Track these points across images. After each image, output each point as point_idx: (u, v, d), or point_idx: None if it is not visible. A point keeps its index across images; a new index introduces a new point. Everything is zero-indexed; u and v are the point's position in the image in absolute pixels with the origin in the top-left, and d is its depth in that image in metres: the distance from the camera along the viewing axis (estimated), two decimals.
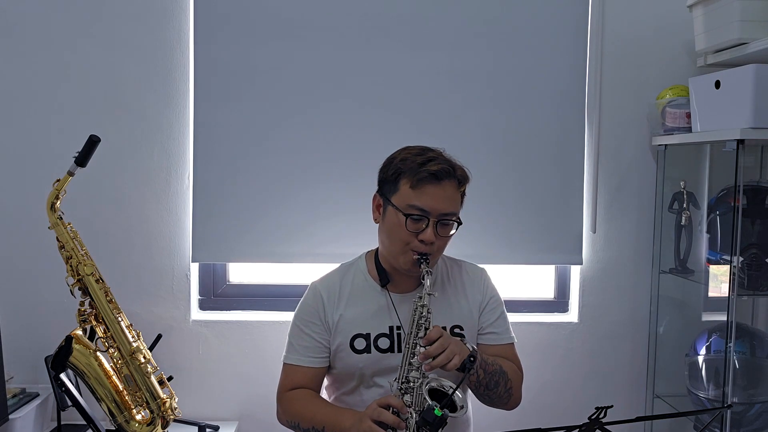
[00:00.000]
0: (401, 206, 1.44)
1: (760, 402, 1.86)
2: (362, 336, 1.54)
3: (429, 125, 2.05)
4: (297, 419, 1.52)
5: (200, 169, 2.04)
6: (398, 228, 1.45)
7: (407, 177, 1.44)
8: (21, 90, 2.00)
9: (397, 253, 1.48)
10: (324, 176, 2.05)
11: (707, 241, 1.96)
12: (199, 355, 2.07)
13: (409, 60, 2.05)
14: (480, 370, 1.44)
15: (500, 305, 1.64)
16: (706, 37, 1.92)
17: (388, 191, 1.49)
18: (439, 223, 1.44)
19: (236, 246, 2.05)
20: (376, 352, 1.53)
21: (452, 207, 1.46)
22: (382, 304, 1.55)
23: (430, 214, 1.43)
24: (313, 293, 1.60)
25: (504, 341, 1.62)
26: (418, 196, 1.43)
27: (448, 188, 1.45)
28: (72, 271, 1.68)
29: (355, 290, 1.58)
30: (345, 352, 1.54)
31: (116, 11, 2.00)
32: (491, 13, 2.05)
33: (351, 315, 1.55)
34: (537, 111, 2.08)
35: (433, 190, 1.43)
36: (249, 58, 2.02)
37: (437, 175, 1.43)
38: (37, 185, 1.89)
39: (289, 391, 1.57)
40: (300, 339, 1.57)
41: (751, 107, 1.68)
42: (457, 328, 1.57)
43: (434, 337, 1.36)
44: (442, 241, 1.48)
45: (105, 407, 1.68)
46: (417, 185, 1.43)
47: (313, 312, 1.57)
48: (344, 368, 1.56)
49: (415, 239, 1.44)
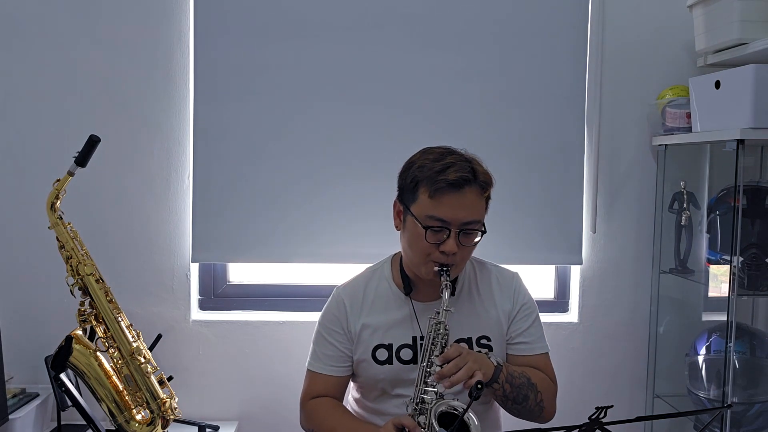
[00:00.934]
0: (420, 217, 1.38)
1: (760, 402, 1.86)
2: (384, 347, 1.51)
3: (429, 125, 2.05)
4: (318, 429, 1.51)
5: (200, 169, 2.04)
6: (418, 239, 1.39)
7: (425, 186, 1.38)
8: (21, 90, 2.00)
9: (419, 263, 1.43)
10: (324, 176, 2.05)
11: (707, 241, 1.96)
12: (199, 355, 2.07)
13: (409, 60, 2.04)
14: (506, 384, 1.39)
15: (533, 312, 1.57)
16: (706, 37, 1.92)
17: (407, 199, 1.43)
18: (461, 232, 1.38)
19: (236, 246, 2.05)
20: (398, 363, 1.50)
21: (474, 215, 1.39)
22: (405, 314, 1.51)
23: (451, 224, 1.37)
24: (336, 301, 1.56)
25: (536, 351, 1.54)
26: (437, 206, 1.37)
27: (469, 196, 1.38)
28: (72, 271, 1.68)
29: (379, 298, 1.54)
30: (367, 362, 1.51)
31: (116, 11, 2.00)
32: (491, 14, 2.05)
33: (373, 324, 1.51)
34: (537, 111, 2.08)
35: (453, 200, 1.36)
36: (249, 58, 2.02)
37: (456, 184, 1.36)
38: (37, 185, 1.89)
39: (312, 399, 1.54)
40: (323, 347, 1.55)
41: (751, 107, 1.68)
42: (484, 338, 1.52)
43: (451, 355, 1.31)
44: (465, 251, 1.41)
45: (105, 407, 1.68)
46: (435, 195, 1.36)
47: (335, 320, 1.54)
48: (367, 378, 1.53)
49: (436, 250, 1.38)
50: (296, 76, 2.03)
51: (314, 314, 2.11)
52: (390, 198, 2.04)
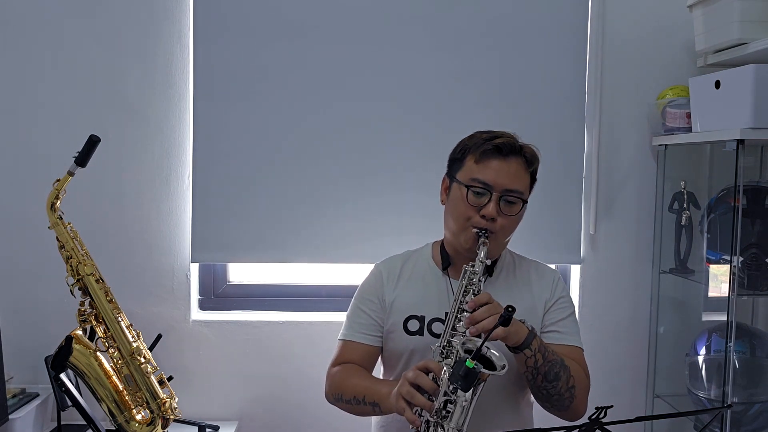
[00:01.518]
0: (464, 180, 1.41)
1: (760, 402, 1.86)
2: (416, 318, 1.50)
3: (429, 125, 2.05)
4: (340, 391, 1.48)
5: (200, 169, 2.04)
6: (460, 202, 1.41)
7: (472, 152, 1.42)
8: (21, 90, 2.00)
9: (458, 231, 1.43)
10: (324, 176, 2.05)
11: (707, 241, 1.96)
12: (199, 355, 2.07)
13: (409, 60, 2.04)
14: (538, 354, 1.33)
15: (570, 307, 1.55)
16: (706, 37, 1.92)
17: (454, 170, 1.46)
18: (503, 199, 1.40)
19: (236, 246, 2.05)
20: (428, 335, 1.48)
21: (517, 184, 1.41)
22: (441, 289, 1.51)
23: (493, 188, 1.39)
24: (374, 272, 1.59)
25: (568, 342, 1.50)
26: (481, 169, 1.40)
27: (513, 164, 1.41)
28: (72, 271, 1.68)
29: (416, 273, 1.55)
30: (398, 332, 1.50)
31: (116, 11, 2.00)
32: (491, 14, 2.05)
33: (408, 296, 1.52)
34: (537, 111, 2.08)
35: (498, 165, 1.40)
36: (249, 58, 2.02)
37: (502, 150, 1.40)
38: (37, 185, 1.89)
39: (336, 365, 1.54)
40: (356, 316, 1.55)
41: (751, 107, 1.68)
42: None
43: (482, 300, 1.30)
44: (505, 220, 1.41)
45: (105, 407, 1.68)
46: (481, 159, 1.40)
47: (371, 290, 1.55)
48: (394, 349, 1.52)
49: (476, 214, 1.39)
50: (296, 76, 2.03)
51: (314, 314, 2.13)
52: (390, 198, 2.06)
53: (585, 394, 1.45)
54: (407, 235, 2.03)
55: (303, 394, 2.07)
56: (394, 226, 2.05)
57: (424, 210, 2.02)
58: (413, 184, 2.05)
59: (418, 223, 2.03)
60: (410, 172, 2.05)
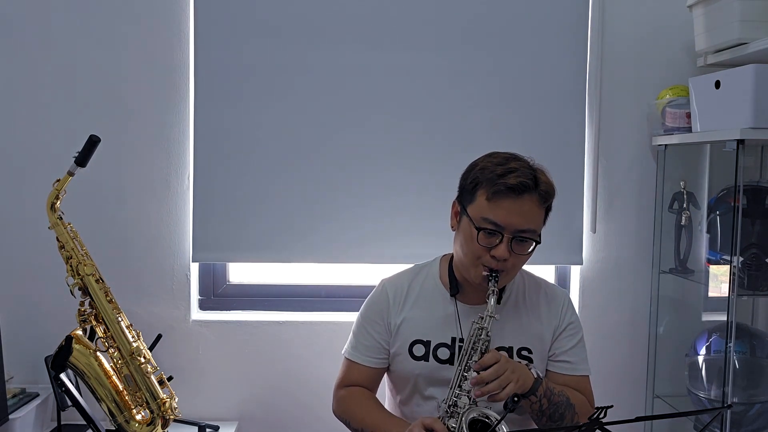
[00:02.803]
0: (475, 218, 1.37)
1: (760, 402, 1.86)
2: (422, 343, 1.49)
3: (429, 126, 2.05)
4: (348, 417, 1.50)
5: (200, 169, 2.04)
6: (470, 240, 1.38)
7: (484, 188, 1.37)
8: (21, 90, 2.00)
9: (468, 266, 1.41)
10: (324, 176, 2.05)
11: (707, 241, 1.96)
12: (199, 355, 2.07)
13: (411, 60, 2.04)
14: (544, 399, 1.37)
15: (578, 333, 1.55)
16: (706, 37, 1.92)
17: (465, 200, 1.42)
18: (515, 239, 1.36)
19: (236, 246, 2.05)
20: (434, 361, 1.48)
21: (530, 223, 1.36)
22: (448, 313, 1.49)
23: (504, 229, 1.35)
24: (380, 291, 1.57)
25: (577, 372, 1.52)
26: (493, 209, 1.35)
27: (527, 203, 1.36)
28: (72, 271, 1.68)
29: (424, 293, 1.53)
30: (403, 356, 1.50)
31: (116, 11, 2.00)
32: (491, 14, 2.05)
33: (414, 319, 1.50)
34: (537, 111, 2.08)
35: (510, 205, 1.34)
36: (249, 58, 2.02)
37: (515, 189, 1.34)
38: (37, 185, 1.89)
39: (345, 387, 1.55)
40: (362, 336, 1.55)
41: (751, 107, 1.68)
42: (525, 350, 1.50)
43: (489, 362, 1.30)
44: (516, 259, 1.38)
45: (105, 407, 1.68)
46: (493, 198, 1.35)
47: (377, 311, 1.54)
48: (401, 373, 1.52)
49: (487, 254, 1.36)
50: (296, 75, 2.03)
51: (314, 314, 2.13)
52: (390, 198, 2.06)
53: None
54: (408, 235, 2.04)
55: (303, 394, 2.07)
56: (394, 227, 2.05)
57: (425, 210, 2.02)
58: (414, 184, 2.04)
59: (419, 224, 2.03)
60: (410, 173, 2.05)
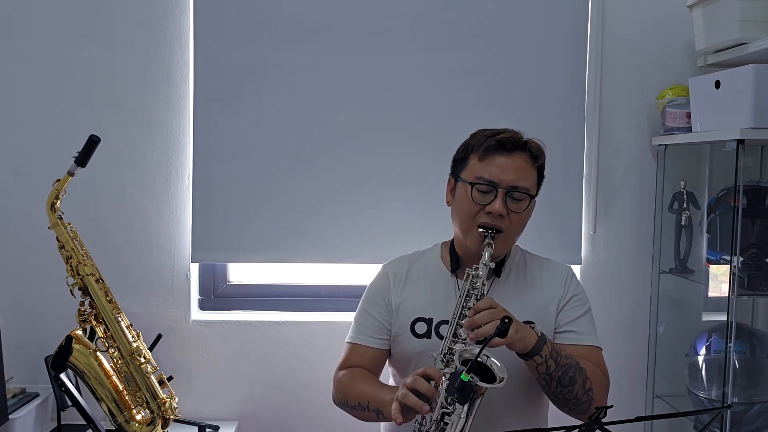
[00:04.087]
0: (469, 178, 1.39)
1: (760, 402, 1.86)
2: (424, 320, 1.48)
3: (429, 125, 2.05)
4: (345, 396, 1.46)
5: (200, 169, 2.04)
6: (465, 200, 1.39)
7: (476, 150, 1.40)
8: (21, 90, 2.00)
9: (465, 232, 1.41)
10: (324, 176, 2.05)
11: (707, 241, 1.96)
12: (199, 355, 2.07)
13: (410, 60, 2.04)
14: (550, 360, 1.31)
15: (585, 305, 1.51)
16: (706, 37, 1.92)
17: (458, 170, 1.44)
18: (509, 195, 1.37)
19: (236, 246, 2.05)
20: (436, 338, 1.45)
21: (523, 180, 1.38)
22: (449, 291, 1.48)
23: (498, 184, 1.36)
24: (381, 273, 1.57)
25: (586, 341, 1.47)
26: (485, 166, 1.38)
27: (518, 159, 1.39)
28: (72, 271, 1.68)
29: (424, 274, 1.53)
30: (405, 335, 1.48)
31: (116, 11, 2.00)
32: (491, 14, 2.05)
33: (415, 298, 1.50)
34: (537, 111, 2.08)
35: (502, 160, 1.37)
36: (249, 58, 2.02)
37: (505, 145, 1.38)
38: (37, 185, 1.89)
39: (342, 369, 1.53)
40: (363, 318, 1.54)
41: (751, 107, 1.68)
42: (529, 324, 1.40)
43: (484, 305, 1.28)
44: (514, 217, 1.38)
45: (105, 407, 1.68)
46: (485, 156, 1.38)
47: (378, 292, 1.54)
48: (402, 352, 1.50)
49: (482, 212, 1.37)
50: (296, 76, 2.03)
51: (314, 314, 2.13)
52: (390, 198, 2.06)
53: (604, 395, 1.43)
54: (408, 235, 2.04)
55: (303, 394, 2.07)
56: (394, 227, 2.05)
57: (425, 210, 2.02)
58: (414, 184, 2.05)
59: (419, 224, 2.03)
60: (411, 173, 2.05)
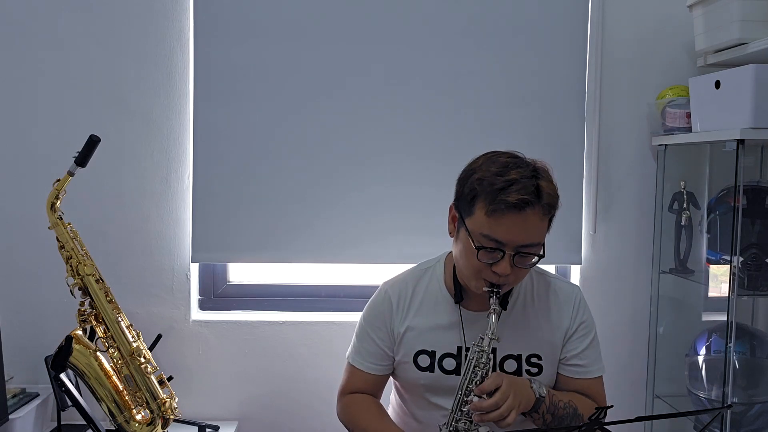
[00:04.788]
0: (474, 234, 1.28)
1: (760, 402, 1.86)
2: (427, 353, 1.43)
3: (429, 125, 2.05)
4: (352, 425, 1.48)
5: (200, 169, 2.04)
6: (470, 255, 1.30)
7: (483, 202, 1.26)
8: (21, 90, 2.00)
9: (469, 278, 1.35)
10: (324, 176, 2.05)
11: (707, 241, 1.96)
12: (199, 355, 2.07)
13: (408, 61, 2.04)
14: (547, 415, 1.34)
15: (591, 331, 1.48)
16: (706, 37, 1.92)
17: (463, 209, 1.32)
18: (517, 255, 1.27)
19: (236, 246, 2.05)
20: (439, 372, 1.43)
21: (533, 238, 1.27)
22: (453, 320, 1.43)
23: (506, 246, 1.26)
24: (383, 297, 1.49)
25: (590, 375, 1.46)
26: (493, 226, 1.25)
27: (530, 218, 1.25)
28: (72, 271, 1.68)
29: (428, 299, 1.46)
30: (408, 365, 1.46)
31: (116, 11, 2.00)
32: (491, 14, 2.05)
33: (418, 327, 1.44)
34: (537, 111, 2.08)
35: (512, 222, 1.24)
36: (249, 58, 2.02)
37: (517, 206, 1.23)
38: (37, 185, 1.89)
39: (350, 393, 1.52)
40: (365, 342, 1.50)
41: (751, 107, 1.68)
42: (535, 357, 1.44)
43: (489, 388, 1.26)
44: (519, 272, 1.31)
45: (105, 407, 1.68)
46: (493, 214, 1.24)
47: (379, 317, 1.48)
48: (406, 380, 1.50)
49: (488, 269, 1.29)
50: (296, 75, 2.03)
51: (314, 314, 2.13)
52: (390, 198, 2.06)
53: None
54: (408, 235, 2.04)
55: (303, 394, 2.07)
56: (394, 227, 2.05)
57: (425, 210, 2.02)
58: (414, 184, 2.04)
59: (419, 224, 2.03)
60: (411, 173, 2.05)
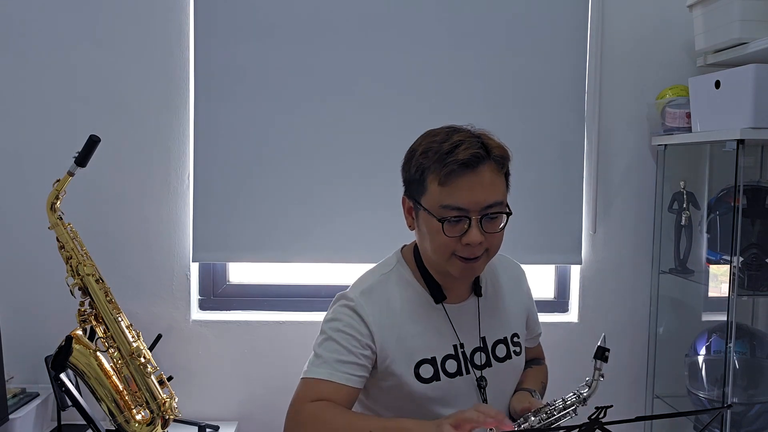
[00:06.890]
0: (434, 209, 1.19)
1: (760, 402, 1.86)
2: (428, 361, 1.29)
3: (429, 125, 2.04)
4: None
5: (200, 169, 2.04)
6: (436, 234, 1.20)
7: (434, 173, 1.19)
8: (21, 90, 2.00)
9: (443, 262, 1.24)
10: (324, 176, 2.05)
11: (707, 241, 1.96)
12: (199, 355, 2.07)
13: (408, 61, 2.04)
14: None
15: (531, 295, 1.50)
16: (706, 37, 1.92)
17: (416, 192, 1.24)
18: (484, 218, 1.19)
19: (236, 246, 2.05)
20: (445, 378, 1.30)
21: (494, 195, 1.19)
22: (440, 321, 1.31)
23: (470, 211, 1.18)
24: (348, 313, 1.29)
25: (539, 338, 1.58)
26: (451, 192, 1.17)
27: (486, 174, 1.18)
28: (72, 271, 1.68)
29: (407, 306, 1.31)
30: (407, 380, 1.28)
31: (116, 11, 2.00)
32: (490, 14, 2.05)
33: (408, 338, 1.28)
34: (537, 111, 2.08)
35: (467, 182, 1.17)
36: (249, 58, 2.02)
37: (468, 163, 1.16)
38: (37, 185, 1.89)
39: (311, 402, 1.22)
40: (334, 352, 1.25)
41: (751, 107, 1.68)
42: (516, 336, 1.41)
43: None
44: (492, 238, 1.22)
45: (105, 407, 1.68)
46: (447, 180, 1.17)
47: (350, 330, 1.27)
48: (404, 401, 1.30)
49: (459, 244, 1.19)
50: (296, 75, 2.03)
51: (314, 314, 2.13)
52: (390, 198, 2.05)
53: None
54: (408, 234, 2.03)
55: None
56: (394, 227, 2.04)
57: None
58: None
59: None
60: None
